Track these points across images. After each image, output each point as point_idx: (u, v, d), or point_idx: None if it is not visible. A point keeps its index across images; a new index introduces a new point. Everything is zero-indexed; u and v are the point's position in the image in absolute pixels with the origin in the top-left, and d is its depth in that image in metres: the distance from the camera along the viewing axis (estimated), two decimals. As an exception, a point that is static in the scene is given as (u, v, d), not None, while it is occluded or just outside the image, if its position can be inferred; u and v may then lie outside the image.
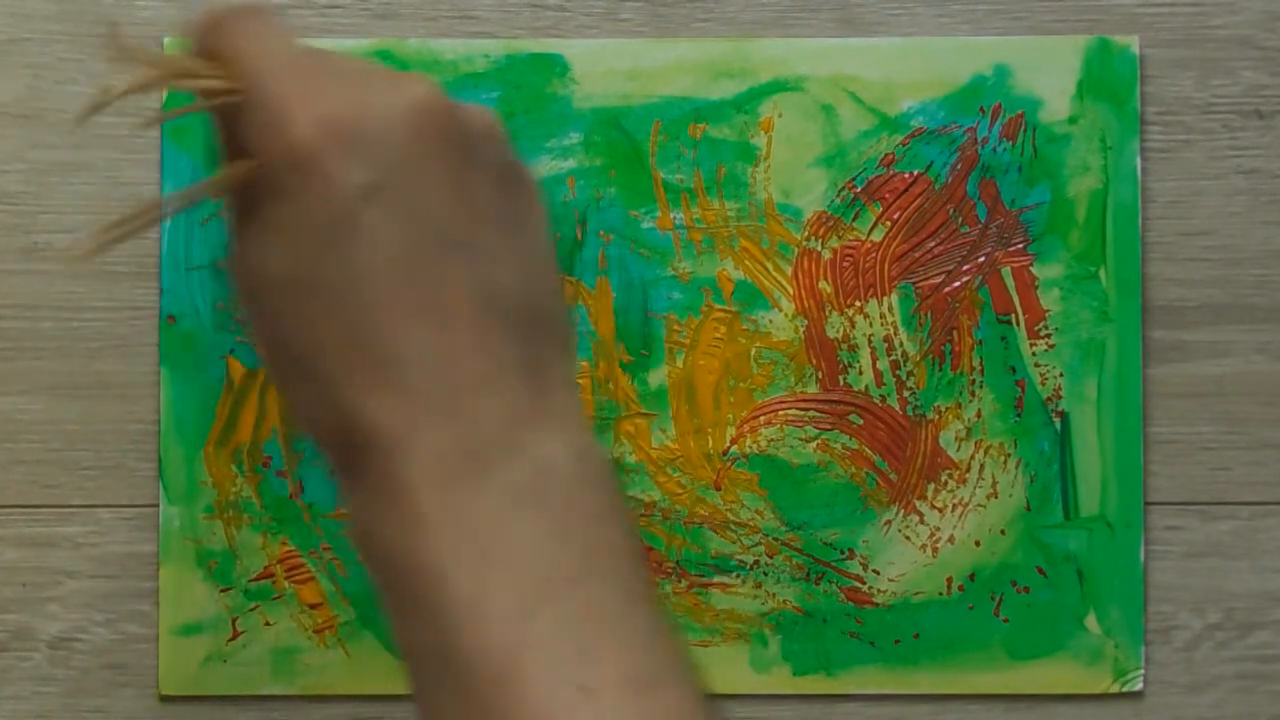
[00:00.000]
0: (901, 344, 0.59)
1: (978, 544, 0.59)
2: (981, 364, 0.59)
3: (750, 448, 0.59)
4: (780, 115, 0.59)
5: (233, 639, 0.59)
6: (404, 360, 0.41)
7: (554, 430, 0.42)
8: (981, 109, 0.59)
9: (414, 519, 0.40)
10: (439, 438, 0.40)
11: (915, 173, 0.59)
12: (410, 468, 0.40)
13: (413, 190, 0.41)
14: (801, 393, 0.59)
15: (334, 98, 0.41)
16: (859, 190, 0.59)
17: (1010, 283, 0.59)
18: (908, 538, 0.59)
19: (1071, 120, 0.59)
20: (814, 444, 0.59)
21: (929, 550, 0.59)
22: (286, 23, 0.46)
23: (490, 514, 0.40)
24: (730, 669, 0.59)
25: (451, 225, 0.41)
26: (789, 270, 0.59)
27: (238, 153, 0.43)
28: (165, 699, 0.59)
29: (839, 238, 0.59)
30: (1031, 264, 0.59)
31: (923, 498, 0.59)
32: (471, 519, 0.40)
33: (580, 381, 0.59)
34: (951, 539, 0.59)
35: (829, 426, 0.59)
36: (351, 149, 0.40)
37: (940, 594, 0.59)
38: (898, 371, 0.59)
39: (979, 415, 0.59)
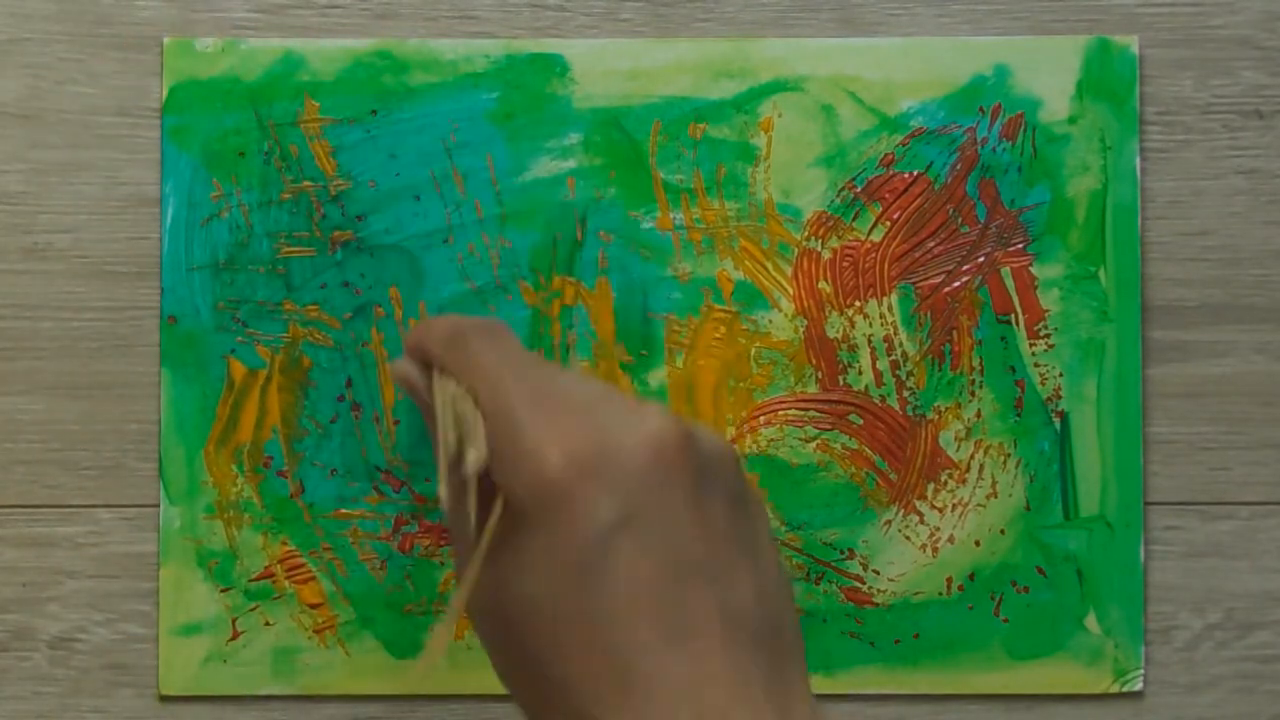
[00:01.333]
0: (901, 344, 0.59)
1: (978, 544, 0.59)
2: (981, 364, 0.59)
3: (750, 448, 0.59)
4: (780, 115, 0.59)
5: (233, 639, 0.59)
6: (657, 684, 0.41)
7: None
8: (981, 109, 0.59)
9: None
10: None
11: (915, 173, 0.59)
12: None
13: (657, 519, 0.42)
14: (801, 393, 0.59)
15: (580, 431, 0.43)
16: (859, 190, 0.59)
17: (1010, 283, 0.59)
18: (908, 538, 0.59)
19: (1071, 120, 0.59)
20: (814, 444, 0.59)
21: (929, 550, 0.59)
22: (515, 340, 0.48)
23: None
24: (730, 669, 0.59)
25: (694, 550, 0.43)
26: (789, 270, 0.59)
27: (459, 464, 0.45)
28: (165, 699, 0.59)
29: (839, 238, 0.59)
30: (1031, 264, 0.59)
31: (922, 498, 0.59)
32: None
33: (580, 382, 0.59)
34: (951, 539, 0.59)
35: (829, 426, 0.59)
36: (601, 483, 0.42)
37: (940, 594, 0.59)
38: (897, 371, 0.59)
39: (979, 415, 0.59)
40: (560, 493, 0.42)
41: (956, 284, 0.59)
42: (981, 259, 0.59)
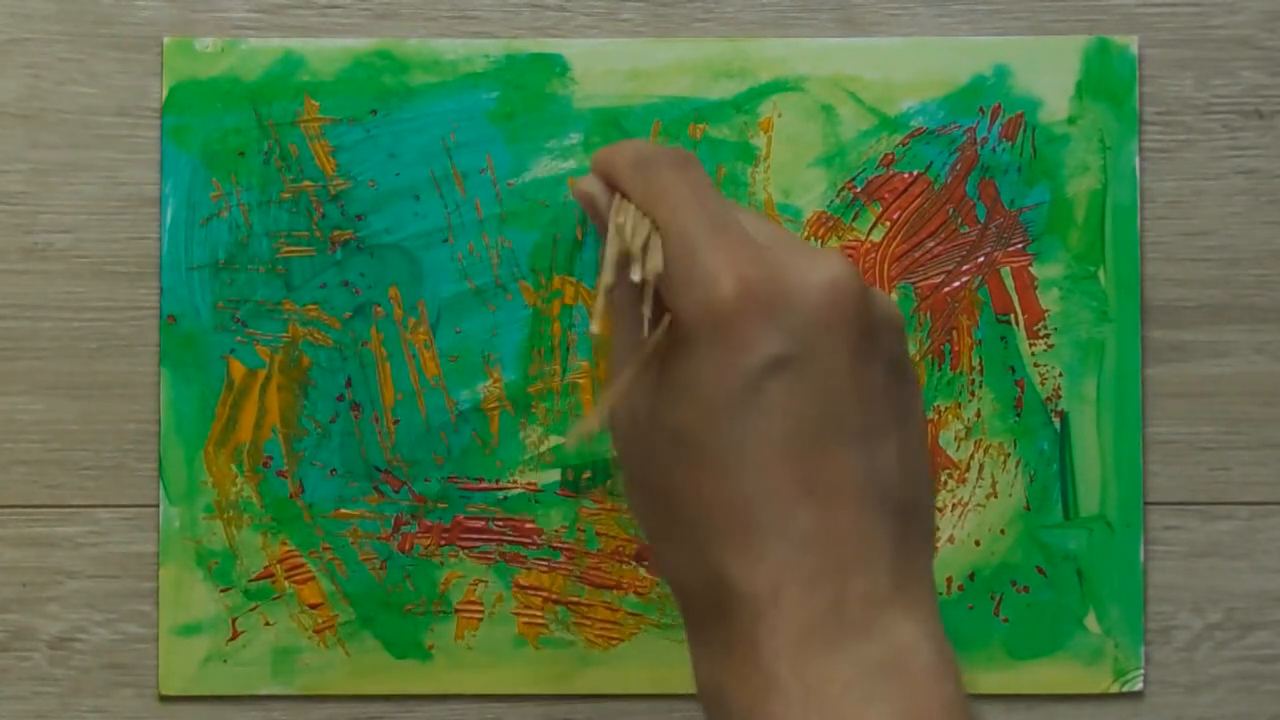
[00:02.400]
0: (901, 344, 0.59)
1: (977, 544, 0.59)
2: (981, 364, 0.59)
3: (750, 448, 0.59)
4: (780, 115, 0.59)
5: (233, 639, 0.59)
6: (783, 532, 0.41)
7: (913, 618, 0.42)
8: (981, 109, 0.59)
9: (767, 681, 0.40)
10: (803, 609, 0.41)
11: (915, 173, 0.59)
12: (770, 632, 0.41)
13: (818, 365, 0.41)
14: (801, 393, 0.59)
15: (758, 264, 0.42)
16: (859, 190, 0.59)
17: (1010, 283, 0.59)
18: (907, 537, 0.59)
19: (1071, 120, 0.59)
20: (814, 444, 0.59)
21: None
22: (704, 172, 0.47)
23: (843, 688, 0.40)
24: (730, 669, 0.59)
25: (846, 408, 0.42)
26: (789, 270, 0.59)
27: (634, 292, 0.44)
28: (165, 699, 0.59)
29: (839, 238, 0.59)
30: (1031, 264, 0.59)
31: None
32: (824, 690, 0.40)
33: (580, 381, 0.59)
34: (951, 539, 0.59)
35: (829, 426, 0.59)
36: (770, 316, 0.41)
37: (940, 594, 0.59)
38: (897, 371, 0.59)
39: (979, 415, 0.59)
40: (728, 319, 0.41)
41: (956, 284, 0.59)
42: (981, 259, 0.59)
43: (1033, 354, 0.59)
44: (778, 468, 0.41)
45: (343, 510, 0.59)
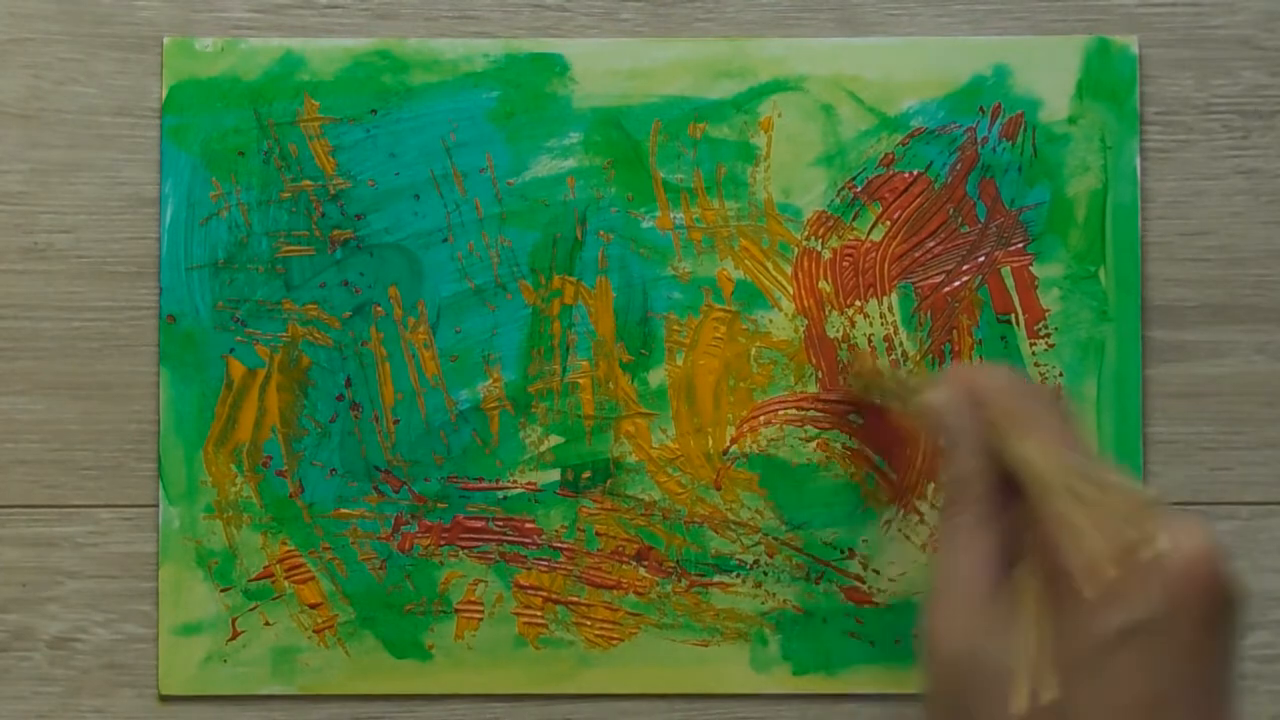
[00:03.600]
0: (901, 344, 0.59)
1: (978, 544, 0.59)
2: (981, 364, 0.59)
3: (750, 447, 0.59)
4: (780, 115, 0.59)
5: (232, 639, 0.59)
6: None
7: None
8: (981, 109, 0.59)
9: None
10: None
11: (915, 172, 0.59)
12: None
13: (1173, 638, 0.42)
14: (801, 392, 0.59)
15: (1130, 525, 0.42)
16: (859, 190, 0.59)
17: (1010, 282, 0.59)
18: (908, 537, 0.59)
19: (1071, 120, 0.59)
20: (814, 443, 0.59)
21: (929, 550, 0.59)
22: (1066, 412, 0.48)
23: None
24: (730, 668, 0.59)
25: (1189, 685, 0.42)
26: (789, 270, 0.59)
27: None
28: (165, 699, 0.59)
29: (839, 237, 0.59)
30: (1031, 264, 0.59)
31: (922, 497, 0.59)
32: None
33: (580, 381, 0.59)
34: (951, 539, 0.59)
35: (829, 426, 0.59)
36: (1136, 582, 0.42)
37: (940, 594, 0.59)
38: (898, 371, 0.59)
39: (979, 415, 0.59)
40: (1098, 575, 0.42)
41: (956, 284, 0.59)
42: (981, 259, 0.59)
43: (1033, 354, 0.59)
44: None
45: (343, 510, 0.59)
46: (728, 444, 0.59)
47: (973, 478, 0.47)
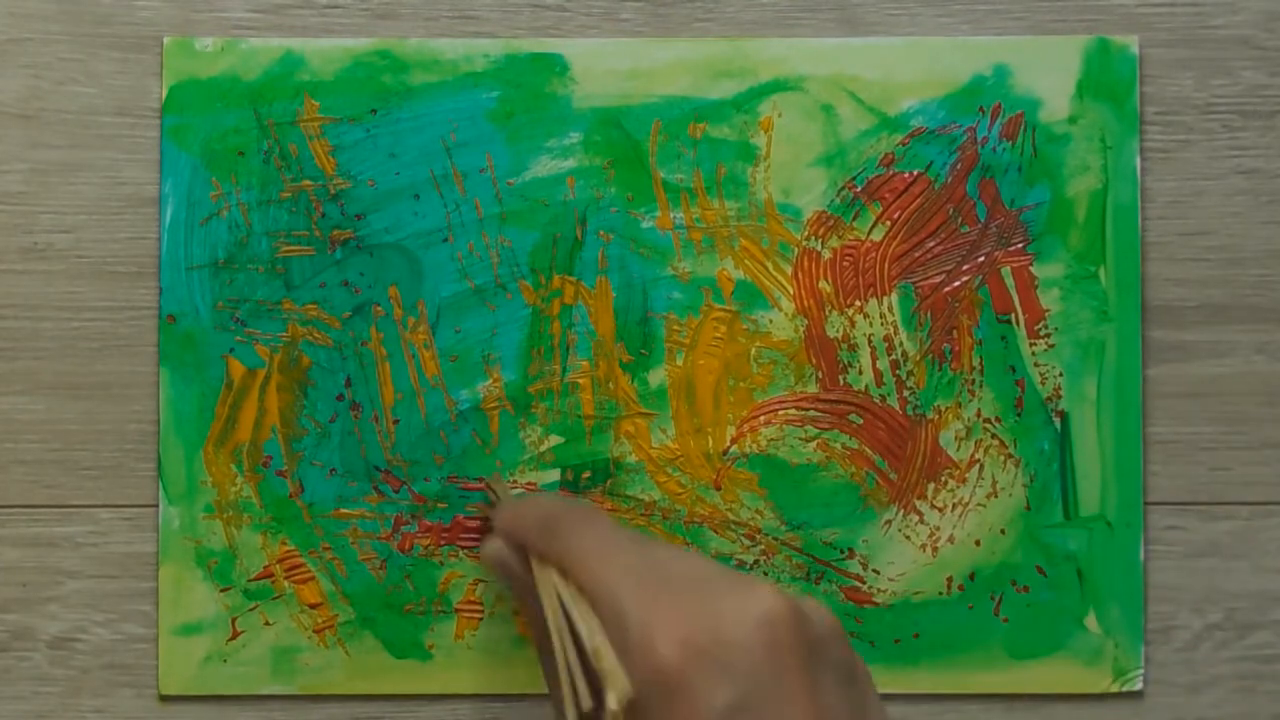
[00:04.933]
0: (901, 343, 0.59)
1: (978, 543, 0.59)
2: (981, 363, 0.59)
3: (750, 447, 0.59)
4: (780, 115, 0.59)
5: (232, 639, 0.59)
6: None
7: None
8: (981, 109, 0.59)
9: None
10: None
11: (915, 172, 0.59)
12: None
13: (773, 702, 0.42)
14: (801, 392, 0.59)
15: (688, 614, 0.42)
16: (859, 190, 0.59)
17: (1010, 282, 0.59)
18: (908, 537, 0.59)
19: (1071, 120, 0.59)
20: (814, 444, 0.59)
21: (929, 550, 0.59)
22: (609, 521, 0.49)
23: None
24: (730, 669, 0.59)
25: None
26: (789, 270, 0.59)
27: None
28: (165, 699, 0.59)
29: (839, 237, 0.59)
30: (1031, 264, 0.59)
31: (922, 497, 0.59)
32: None
33: (580, 381, 0.59)
34: (951, 538, 0.59)
35: (829, 426, 0.59)
36: (715, 668, 0.42)
37: (940, 594, 0.59)
38: (897, 371, 0.59)
39: (979, 415, 0.59)
40: (673, 682, 0.41)
41: (956, 283, 0.59)
42: (981, 258, 0.59)
43: (1033, 354, 0.59)
44: None
45: (342, 510, 0.59)
46: (728, 444, 0.59)
47: (536, 618, 0.49)
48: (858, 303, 0.59)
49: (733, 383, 0.59)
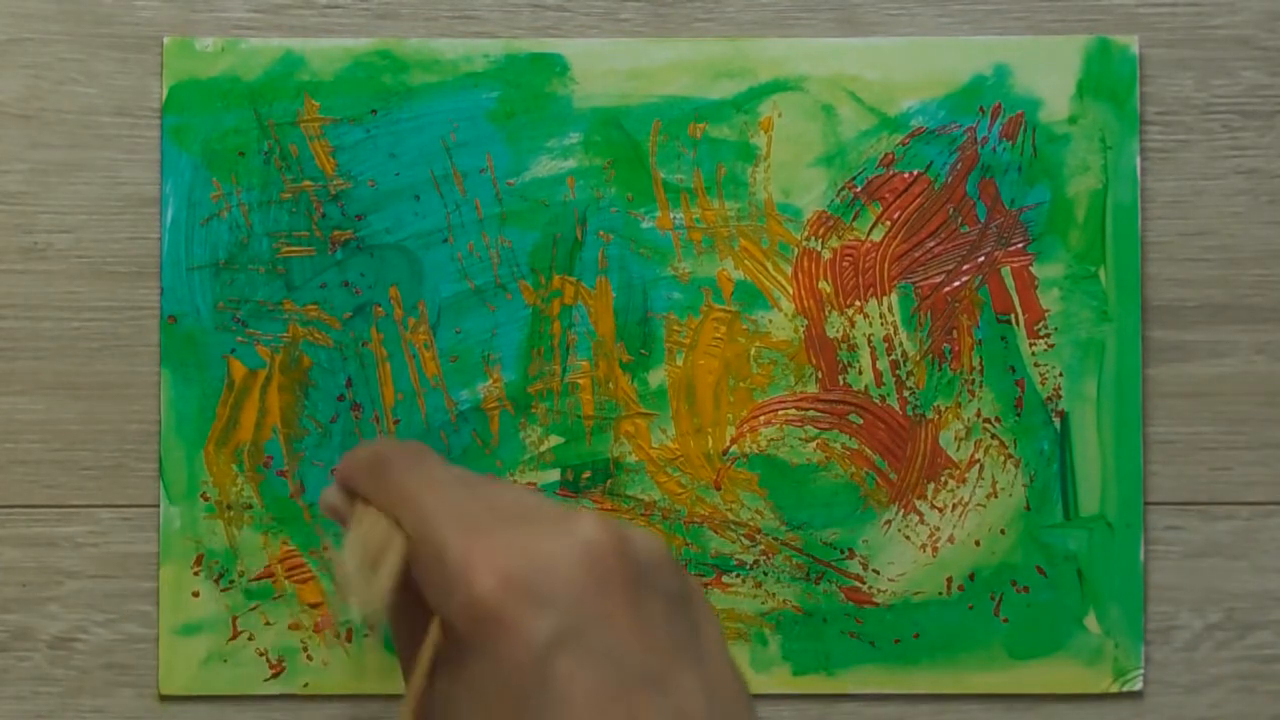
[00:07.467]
0: (901, 344, 0.59)
1: (978, 544, 0.59)
2: (981, 363, 0.59)
3: (750, 447, 0.59)
4: (780, 115, 0.59)
5: (233, 639, 0.59)
6: None
7: None
8: (981, 109, 0.59)
9: None
10: None
11: (915, 172, 0.59)
12: None
13: (597, 632, 0.41)
14: (801, 392, 0.59)
15: (508, 547, 0.42)
16: (859, 190, 0.59)
17: (1010, 282, 0.59)
18: (908, 537, 0.59)
19: (1071, 120, 0.59)
20: (814, 444, 0.59)
21: (929, 550, 0.59)
22: (439, 460, 0.48)
23: None
24: (730, 669, 0.59)
25: (638, 659, 0.41)
26: (789, 270, 0.59)
27: (407, 590, 0.44)
28: (165, 699, 0.59)
29: (839, 237, 0.59)
30: (1031, 264, 0.59)
31: (922, 497, 0.59)
32: None
33: (580, 382, 0.59)
34: (951, 539, 0.59)
35: (829, 426, 0.59)
36: (534, 600, 0.41)
37: (940, 594, 0.59)
38: (897, 371, 0.59)
39: (979, 415, 0.59)
40: (493, 614, 0.41)
41: (956, 284, 0.59)
42: (981, 259, 0.59)
43: (1033, 354, 0.59)
44: None
45: (343, 510, 0.59)
46: (728, 444, 0.59)
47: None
48: (858, 303, 0.59)
49: (733, 383, 0.59)
